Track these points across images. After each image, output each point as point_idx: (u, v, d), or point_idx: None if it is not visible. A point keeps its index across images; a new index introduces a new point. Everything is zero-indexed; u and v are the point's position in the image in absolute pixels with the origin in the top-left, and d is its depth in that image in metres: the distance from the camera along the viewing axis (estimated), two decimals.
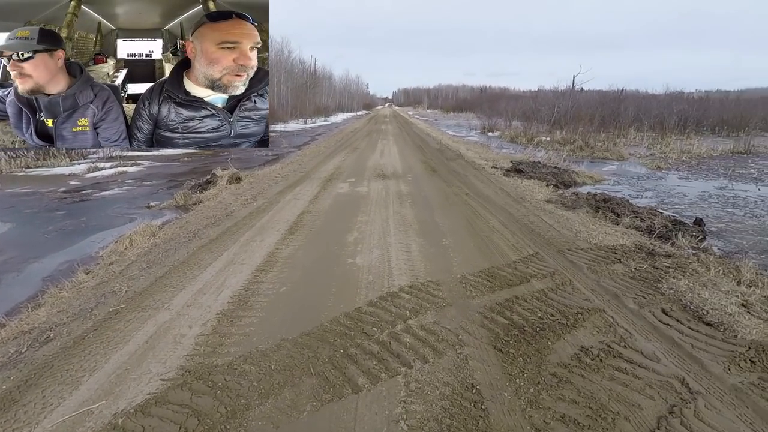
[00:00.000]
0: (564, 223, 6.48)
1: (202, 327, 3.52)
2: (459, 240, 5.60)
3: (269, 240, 5.71)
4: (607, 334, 3.30)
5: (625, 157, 15.67)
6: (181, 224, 6.76)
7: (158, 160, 15.56)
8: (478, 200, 7.95)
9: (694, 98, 30.33)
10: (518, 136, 23.39)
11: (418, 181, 9.95)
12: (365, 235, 5.80)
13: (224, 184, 10.14)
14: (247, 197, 8.45)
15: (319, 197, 8.21)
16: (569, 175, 11.18)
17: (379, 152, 15.77)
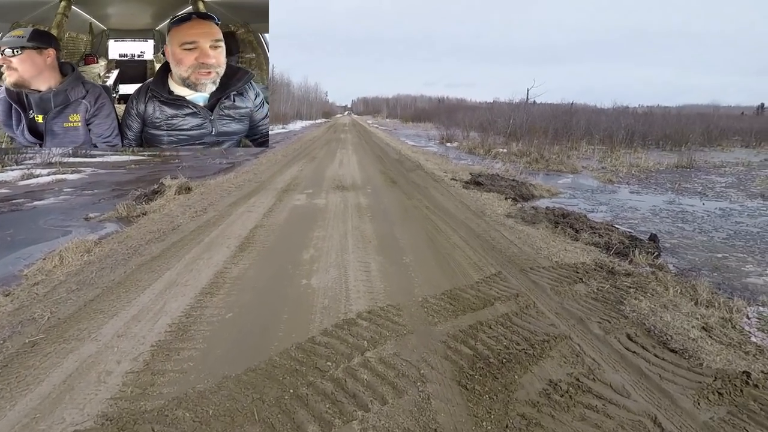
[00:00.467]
0: (525, 239, 6.41)
1: (132, 362, 3.11)
2: (420, 258, 5.38)
3: (218, 258, 5.30)
4: (575, 365, 3.14)
5: (579, 170, 16.08)
6: (121, 239, 6.21)
7: (102, 167, 14.64)
8: (439, 214, 7.80)
9: (639, 113, 31.82)
10: (476, 147, 23.67)
11: (377, 193, 9.72)
12: (322, 253, 5.49)
13: (172, 195, 9.55)
14: (196, 209, 7.94)
15: (274, 210, 7.82)
16: (527, 188, 11.27)
17: (338, 162, 15.46)
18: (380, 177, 12.12)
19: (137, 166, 15.37)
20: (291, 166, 14.30)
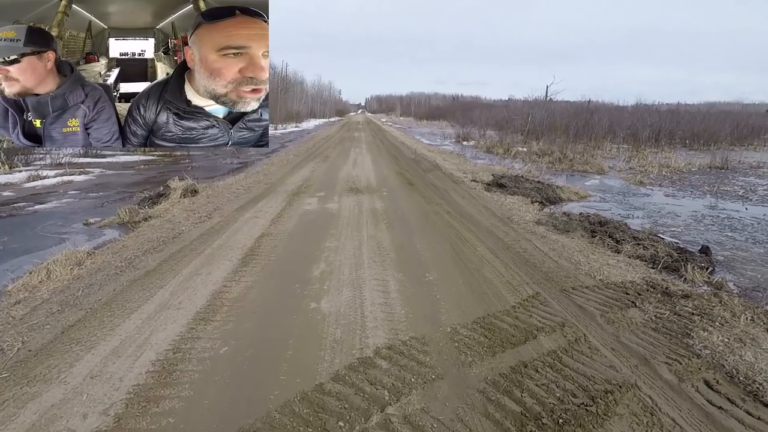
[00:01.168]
0: (560, 251, 5.73)
1: (100, 417, 2.54)
2: (445, 274, 4.75)
3: (217, 273, 4.73)
4: (651, 427, 2.49)
5: (605, 170, 15.24)
6: (116, 249, 5.69)
7: (111, 168, 14.27)
8: (462, 220, 7.15)
9: (662, 111, 30.57)
10: (494, 146, 22.89)
11: (394, 196, 9.09)
12: (334, 268, 4.89)
13: (178, 198, 9.05)
14: (201, 214, 7.41)
15: (283, 216, 7.25)
16: (554, 191, 10.54)
17: (351, 162, 14.87)
18: (396, 178, 11.49)
19: (146, 166, 14.96)
20: (303, 166, 13.75)
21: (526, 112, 33.00)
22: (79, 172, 13.11)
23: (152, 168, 14.64)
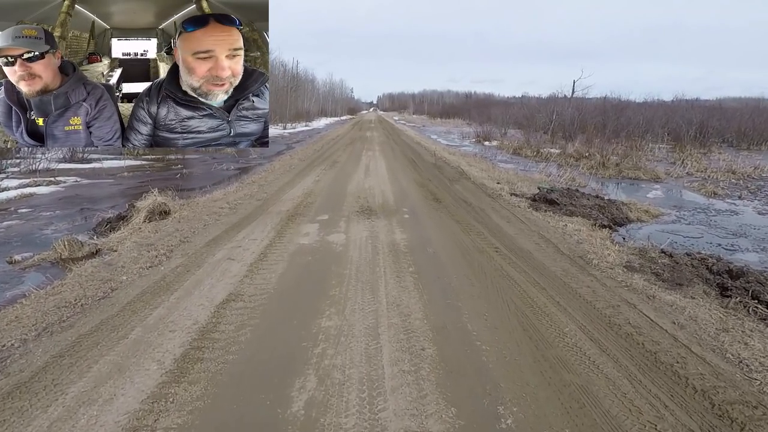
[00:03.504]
0: (695, 331, 3.57)
1: None
2: (533, 409, 2.62)
3: (122, 404, 2.65)
4: None
5: (661, 176, 12.95)
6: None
7: (90, 176, 12.35)
8: (519, 264, 5.02)
9: (706, 107, 27.85)
10: (521, 147, 20.62)
11: (418, 219, 6.97)
12: (331, 389, 2.77)
13: (141, 222, 7.07)
14: (158, 252, 5.39)
15: (268, 257, 5.17)
16: (618, 209, 8.34)
17: (363, 168, 12.76)
18: (418, 191, 9.37)
19: (131, 174, 13.04)
20: (307, 174, 11.67)
21: (550, 109, 30.72)
22: (47, 182, 11.21)
23: (136, 176, 12.74)
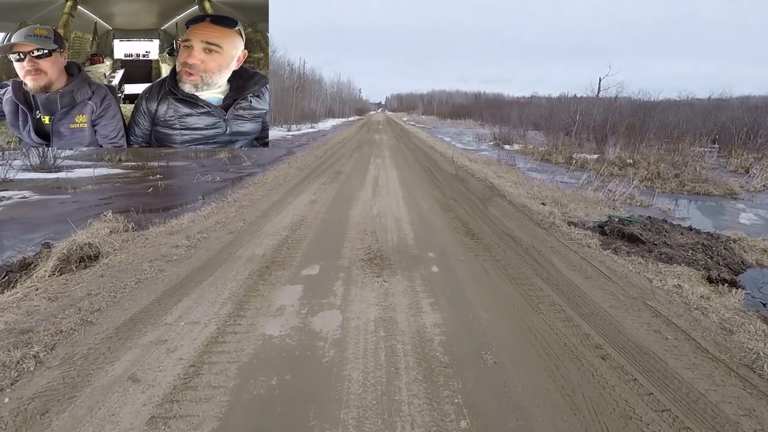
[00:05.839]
0: None
1: None
2: None
3: None
4: None
5: (737, 191, 10.53)
6: None
7: (44, 191, 10.08)
8: (655, 392, 2.72)
9: (753, 105, 25.15)
10: (549, 152, 18.22)
11: (454, 277, 4.67)
12: None
13: (47, 274, 4.89)
14: (24, 351, 3.16)
15: (200, 377, 2.89)
16: (726, 247, 5.99)
17: (371, 183, 10.44)
18: (444, 219, 7.05)
19: (96, 187, 10.80)
20: (301, 190, 9.37)
21: (572, 108, 28.32)
22: None
23: (102, 189, 10.51)
